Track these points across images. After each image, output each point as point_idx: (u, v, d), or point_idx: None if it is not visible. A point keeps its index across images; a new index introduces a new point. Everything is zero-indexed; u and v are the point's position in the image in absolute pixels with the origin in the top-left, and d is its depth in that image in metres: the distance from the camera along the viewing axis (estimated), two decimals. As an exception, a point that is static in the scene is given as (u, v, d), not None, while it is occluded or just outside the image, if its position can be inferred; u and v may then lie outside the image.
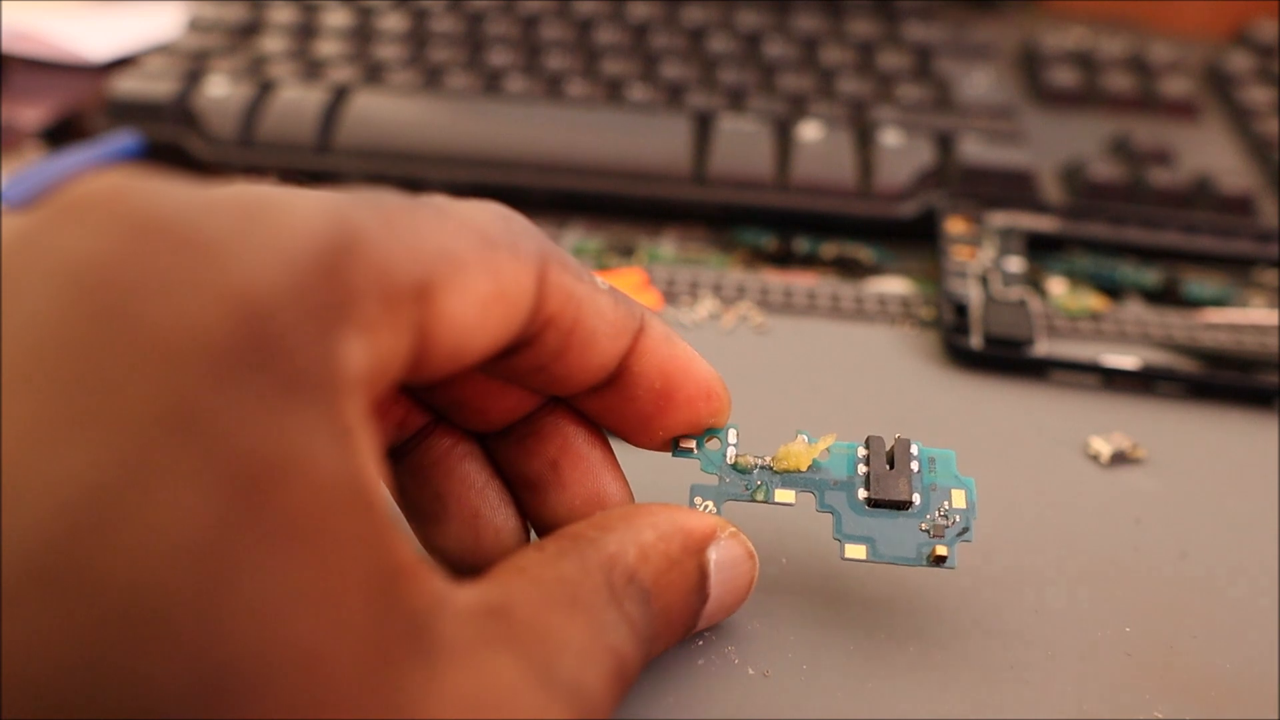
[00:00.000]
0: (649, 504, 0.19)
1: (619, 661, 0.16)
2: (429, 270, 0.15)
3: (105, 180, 0.13)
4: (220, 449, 0.12)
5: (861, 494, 0.20)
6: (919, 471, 0.20)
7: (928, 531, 0.19)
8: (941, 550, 0.19)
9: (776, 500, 0.20)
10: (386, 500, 0.14)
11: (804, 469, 0.20)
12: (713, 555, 0.19)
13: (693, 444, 0.20)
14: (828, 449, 0.20)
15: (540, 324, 0.17)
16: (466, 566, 0.20)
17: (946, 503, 0.20)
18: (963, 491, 0.20)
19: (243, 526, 0.12)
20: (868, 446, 0.20)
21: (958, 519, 0.20)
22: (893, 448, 0.20)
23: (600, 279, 0.18)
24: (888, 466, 0.20)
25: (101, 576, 0.11)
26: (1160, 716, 0.19)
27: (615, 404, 0.19)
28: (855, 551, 0.19)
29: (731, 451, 0.20)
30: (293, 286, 0.13)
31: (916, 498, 0.20)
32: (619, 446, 0.21)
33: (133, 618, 0.11)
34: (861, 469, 0.20)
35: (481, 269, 0.16)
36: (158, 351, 0.12)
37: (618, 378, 0.19)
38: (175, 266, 0.12)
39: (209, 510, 0.12)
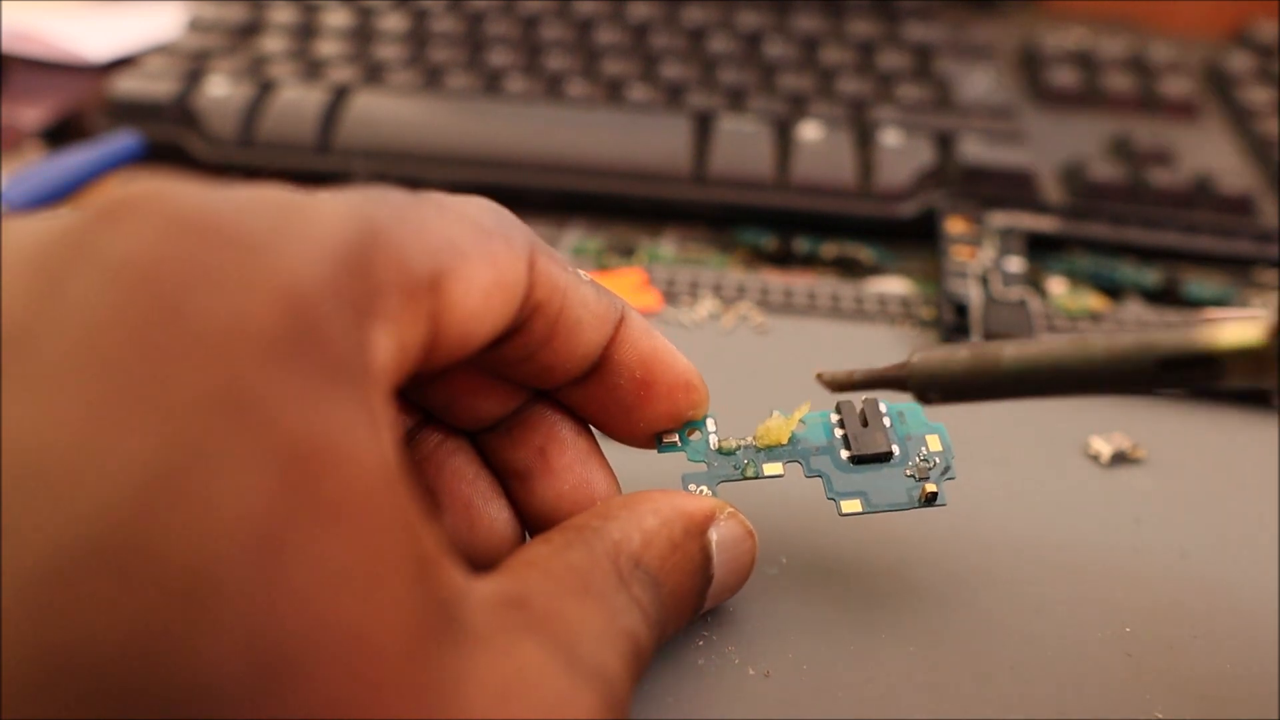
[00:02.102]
0: (649, 491, 0.19)
1: (634, 643, 0.17)
2: (439, 261, 0.16)
3: (142, 185, 0.14)
4: (272, 432, 0.12)
5: (844, 454, 0.21)
6: (891, 426, 0.21)
7: (913, 476, 0.20)
8: (931, 488, 0.20)
9: (766, 474, 0.21)
10: (414, 489, 0.14)
11: (784, 442, 0.21)
12: (714, 536, 0.19)
13: (675, 437, 0.21)
14: (803, 419, 0.21)
15: (529, 311, 0.18)
16: (464, 559, 0.20)
17: (924, 448, 0.21)
18: (936, 435, 0.21)
19: (293, 508, 0.12)
20: (839, 411, 0.21)
21: (938, 460, 0.20)
22: (863, 409, 0.21)
23: (582, 271, 0.19)
24: (862, 426, 0.21)
25: (161, 557, 0.11)
26: (1160, 717, 0.19)
27: (598, 394, 0.20)
28: (851, 506, 0.20)
29: (714, 439, 0.21)
30: (330, 278, 0.14)
31: (895, 448, 0.21)
32: (608, 449, 0.21)
33: (190, 597, 0.11)
34: (838, 432, 0.21)
35: (482, 258, 0.16)
36: (209, 339, 0.12)
37: (600, 368, 0.19)
38: (222, 262, 0.13)
39: (262, 492, 0.12)
